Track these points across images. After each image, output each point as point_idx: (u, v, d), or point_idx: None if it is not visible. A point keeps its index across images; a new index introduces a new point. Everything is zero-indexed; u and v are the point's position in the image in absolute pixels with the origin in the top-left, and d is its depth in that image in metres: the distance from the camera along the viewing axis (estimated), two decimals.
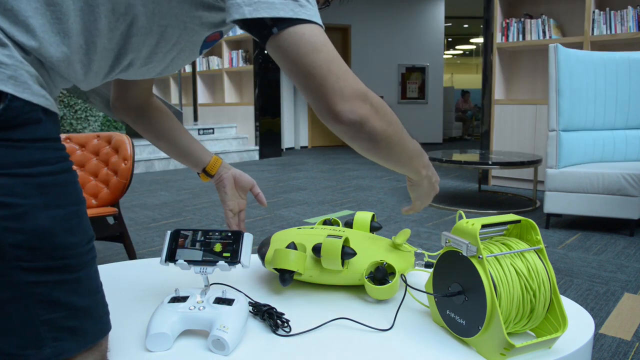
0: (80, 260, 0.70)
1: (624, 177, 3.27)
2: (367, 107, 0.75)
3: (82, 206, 0.72)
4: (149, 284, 1.07)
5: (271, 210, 4.26)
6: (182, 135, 1.13)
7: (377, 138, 0.78)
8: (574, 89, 3.50)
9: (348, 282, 0.99)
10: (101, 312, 0.74)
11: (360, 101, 0.74)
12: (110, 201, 2.46)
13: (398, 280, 0.94)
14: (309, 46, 0.73)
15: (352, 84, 0.73)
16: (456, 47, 18.65)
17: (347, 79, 0.73)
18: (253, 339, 0.83)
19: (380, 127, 0.77)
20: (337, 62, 0.73)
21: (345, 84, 0.73)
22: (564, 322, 0.77)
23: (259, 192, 1.18)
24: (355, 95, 0.73)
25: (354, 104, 0.73)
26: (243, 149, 7.76)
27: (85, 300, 0.71)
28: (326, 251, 0.94)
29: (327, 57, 0.73)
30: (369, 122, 0.75)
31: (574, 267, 2.80)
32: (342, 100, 0.73)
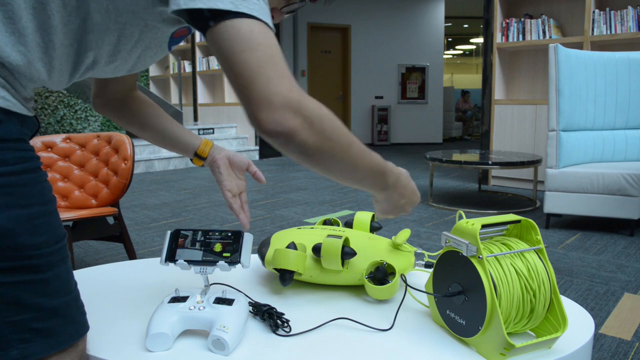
0: (47, 260, 0.69)
1: (624, 177, 3.27)
2: (297, 119, 0.67)
3: (49, 206, 0.72)
4: (149, 284, 1.07)
5: (271, 210, 4.26)
6: (168, 123, 1.10)
7: (309, 152, 0.71)
8: (574, 89, 3.50)
9: (348, 282, 0.99)
10: (75, 313, 0.73)
11: (289, 112, 0.67)
12: (110, 201, 2.46)
13: (398, 280, 0.94)
14: (243, 43, 0.67)
15: (283, 91, 0.66)
16: (456, 47, 18.65)
17: (279, 84, 0.66)
18: (253, 339, 0.83)
19: (313, 142, 0.69)
20: (272, 64, 0.67)
21: (275, 90, 0.66)
22: (564, 322, 0.77)
23: (256, 170, 1.13)
24: (284, 104, 0.66)
25: (281, 115, 0.66)
26: (243, 149, 7.76)
27: (55, 302, 0.70)
28: (326, 251, 0.94)
29: (260, 57, 0.67)
30: (298, 136, 0.68)
31: (574, 267, 2.80)
32: (268, 109, 0.66)
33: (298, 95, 0.68)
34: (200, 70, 8.71)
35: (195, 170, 6.73)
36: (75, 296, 0.74)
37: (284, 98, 0.66)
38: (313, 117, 0.69)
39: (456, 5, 12.43)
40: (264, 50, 0.67)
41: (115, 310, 0.94)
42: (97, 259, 2.97)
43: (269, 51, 0.67)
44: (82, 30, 0.73)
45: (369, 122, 10.50)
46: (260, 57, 0.67)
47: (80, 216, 2.25)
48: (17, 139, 0.68)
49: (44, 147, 2.55)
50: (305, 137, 0.68)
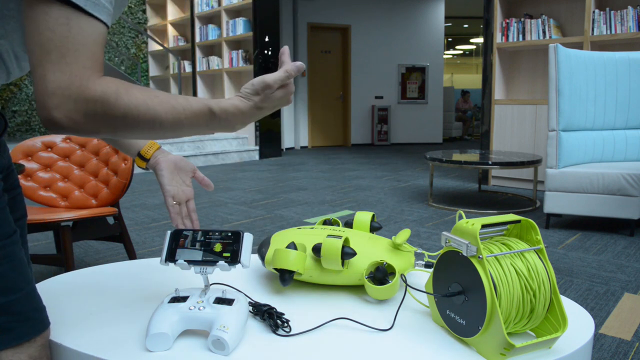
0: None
1: (624, 177, 3.27)
2: (66, 119, 0.65)
3: None
4: (149, 284, 1.07)
5: (271, 210, 4.26)
6: None
7: (104, 135, 0.70)
8: (574, 89, 3.50)
9: (348, 282, 0.99)
10: (28, 309, 0.74)
11: (55, 111, 0.64)
12: (110, 201, 2.46)
13: (398, 280, 0.94)
14: (34, 25, 0.64)
15: (56, 88, 0.64)
16: (456, 47, 18.65)
17: (53, 80, 0.63)
18: (253, 339, 0.83)
19: (102, 130, 0.68)
20: (54, 56, 0.64)
21: (47, 86, 0.64)
22: (564, 322, 0.77)
23: (203, 176, 1.09)
24: (52, 104, 0.64)
25: (49, 113, 0.64)
26: (243, 149, 7.76)
27: (2, 299, 0.71)
28: (326, 251, 0.94)
29: (45, 44, 0.63)
30: (71, 130, 0.66)
31: (574, 267, 2.80)
32: (39, 104, 0.64)
33: (75, 91, 0.65)
34: (200, 70, 8.71)
35: None
36: (27, 293, 0.74)
37: (55, 97, 0.64)
38: (93, 109, 0.66)
39: (456, 5, 12.43)
40: (50, 38, 0.64)
41: (115, 310, 0.94)
42: (97, 259, 2.97)
43: (56, 40, 0.64)
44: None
45: (369, 122, 10.50)
46: (45, 44, 0.64)
47: (80, 216, 2.25)
48: None
49: (44, 147, 2.55)
50: (83, 131, 0.67)
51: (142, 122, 0.70)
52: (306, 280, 1.01)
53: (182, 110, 0.74)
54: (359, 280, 0.98)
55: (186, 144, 7.14)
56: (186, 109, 0.74)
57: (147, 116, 0.70)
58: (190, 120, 0.75)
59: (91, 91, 0.66)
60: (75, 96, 0.65)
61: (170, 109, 0.72)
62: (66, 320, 0.88)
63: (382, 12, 10.31)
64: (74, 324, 0.87)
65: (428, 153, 4.54)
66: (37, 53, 0.64)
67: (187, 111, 0.74)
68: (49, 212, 2.30)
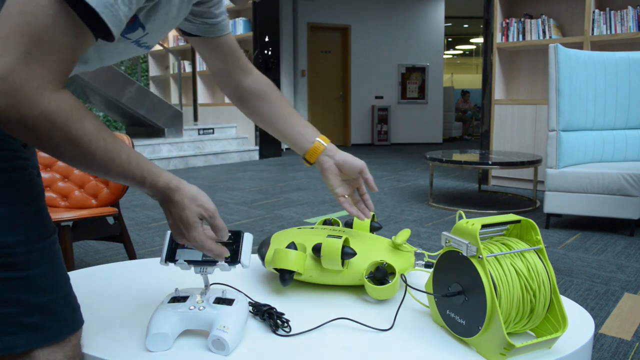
0: (28, 258, 0.70)
1: (624, 177, 3.27)
2: (2, 100, 0.58)
3: (31, 205, 0.72)
4: (149, 284, 1.07)
5: (271, 210, 4.26)
6: (280, 122, 1.09)
7: (17, 138, 0.65)
8: (574, 89, 3.50)
9: (348, 282, 0.99)
10: (64, 310, 0.74)
11: (13, 93, 0.58)
12: (110, 201, 2.46)
13: (398, 280, 0.94)
14: (33, 8, 0.58)
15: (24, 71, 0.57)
16: (456, 47, 18.65)
17: (28, 65, 0.58)
18: (253, 339, 0.83)
19: (32, 140, 0.63)
20: (40, 43, 0.58)
21: (13, 63, 0.57)
22: (564, 322, 0.77)
23: (369, 177, 1.08)
24: (13, 84, 0.58)
25: (5, 91, 0.58)
26: (243, 149, 7.76)
27: (41, 298, 0.71)
28: (326, 251, 0.94)
29: (33, 28, 0.58)
30: (2, 123, 0.60)
31: (574, 267, 2.80)
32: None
33: (30, 92, 0.59)
34: (200, 70, 8.71)
35: (195, 170, 6.73)
36: (64, 294, 0.75)
37: (12, 83, 0.58)
38: (35, 119, 0.60)
39: (456, 5, 12.42)
40: (29, 22, 0.58)
41: (115, 310, 0.94)
42: (97, 259, 2.97)
43: (34, 28, 0.58)
44: None
45: (369, 122, 10.50)
46: (19, 25, 0.58)
47: (80, 216, 2.25)
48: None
49: None
50: (16, 131, 0.61)
51: (73, 154, 0.66)
52: (306, 280, 1.01)
53: (118, 166, 0.70)
54: (359, 280, 0.98)
55: (186, 144, 7.14)
56: (122, 168, 0.71)
57: (82, 152, 0.66)
58: (119, 178, 0.72)
59: (45, 101, 0.60)
60: (25, 96, 0.59)
61: (107, 159, 0.68)
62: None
63: (382, 12, 10.31)
64: None
65: (428, 153, 4.54)
66: (7, 29, 0.58)
67: (120, 169, 0.71)
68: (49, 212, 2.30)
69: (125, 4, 0.63)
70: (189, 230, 0.79)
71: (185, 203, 0.78)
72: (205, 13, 0.96)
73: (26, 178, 0.72)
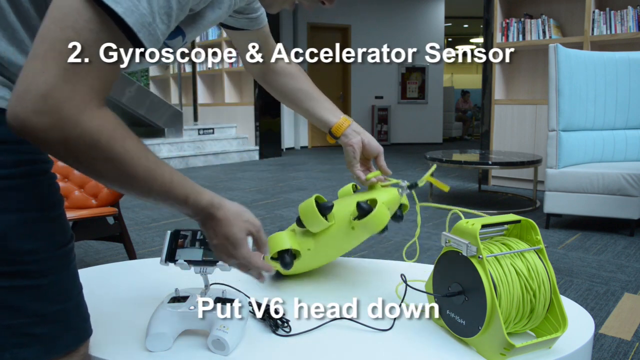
0: (45, 266, 0.68)
1: (624, 177, 3.27)
2: (44, 133, 0.56)
3: (50, 212, 0.70)
4: (149, 284, 1.07)
5: (271, 210, 4.26)
6: (306, 99, 1.11)
7: (56, 157, 0.61)
8: (574, 89, 3.50)
9: (343, 236, 0.99)
10: (75, 319, 0.72)
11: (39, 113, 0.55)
12: (110, 201, 2.46)
13: (384, 207, 0.94)
14: (54, 12, 0.56)
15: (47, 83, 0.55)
16: (456, 47, 18.64)
17: (70, 82, 0.56)
18: (253, 339, 0.83)
19: (67, 158, 0.60)
20: (63, 48, 0.55)
21: (55, 81, 0.55)
22: (564, 322, 0.77)
23: (383, 163, 1.10)
24: (55, 103, 0.55)
25: (34, 117, 0.55)
26: (243, 149, 7.76)
27: (53, 308, 0.69)
28: (304, 214, 0.95)
29: (47, 35, 0.56)
30: (42, 143, 0.58)
31: (574, 267, 2.80)
32: (35, 93, 0.55)
33: (72, 110, 0.56)
34: (200, 70, 8.71)
35: (195, 170, 6.73)
36: (77, 303, 0.73)
37: (55, 101, 0.55)
38: (77, 138, 0.58)
39: (456, 5, 12.42)
40: (71, 37, 0.56)
41: (115, 310, 0.94)
42: (97, 259, 2.97)
43: (61, 34, 0.55)
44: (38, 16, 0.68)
45: (369, 122, 10.50)
46: (60, 40, 0.55)
47: (80, 216, 2.25)
48: (17, 141, 0.63)
49: None
50: (56, 150, 0.59)
51: (114, 175, 0.63)
52: (308, 260, 1.01)
53: (160, 187, 0.68)
54: (352, 228, 0.97)
55: (186, 144, 7.14)
56: (165, 188, 0.68)
57: (123, 172, 0.63)
58: (160, 198, 0.69)
59: (86, 120, 0.58)
60: (67, 114, 0.56)
61: (149, 180, 0.66)
62: None
63: (382, 12, 10.31)
64: None
65: (428, 153, 4.54)
66: (46, 45, 0.55)
67: (162, 189, 0.68)
68: None
69: (163, 22, 0.61)
70: (237, 247, 0.76)
71: (231, 220, 0.75)
72: (246, 9, 0.98)
73: (46, 183, 0.70)
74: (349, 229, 0.97)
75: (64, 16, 0.56)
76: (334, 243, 0.99)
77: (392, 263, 1.20)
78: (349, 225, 0.96)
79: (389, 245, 3.22)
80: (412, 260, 1.18)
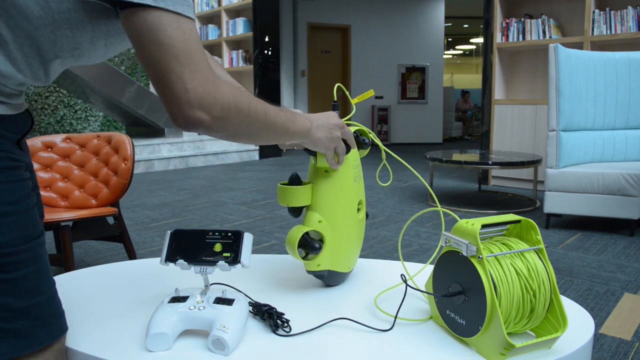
0: (13, 259, 0.68)
1: (624, 177, 3.27)
2: (210, 116, 0.68)
3: (15, 206, 0.70)
4: (149, 284, 1.07)
5: (271, 210, 4.26)
6: None
7: (229, 135, 0.74)
8: (574, 89, 3.50)
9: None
10: (48, 314, 0.72)
11: (200, 110, 0.67)
12: (110, 201, 2.46)
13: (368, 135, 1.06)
14: (150, 35, 0.65)
15: (196, 87, 0.66)
16: (456, 47, 18.65)
17: (189, 80, 0.66)
18: (253, 339, 0.83)
19: (230, 129, 0.73)
20: (183, 59, 0.66)
21: (186, 87, 0.66)
22: (564, 322, 0.77)
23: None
24: (196, 102, 0.67)
25: (193, 113, 0.67)
26: (243, 149, 7.76)
27: (24, 303, 0.69)
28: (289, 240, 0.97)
29: (169, 51, 0.65)
30: (212, 128, 0.70)
31: (574, 267, 2.80)
32: (180, 106, 0.66)
33: (212, 88, 0.68)
34: None
35: (195, 170, 6.73)
36: (48, 297, 0.73)
37: (196, 95, 0.67)
38: (229, 106, 0.70)
39: (456, 5, 12.43)
40: (172, 44, 0.65)
41: (115, 310, 0.94)
42: (97, 259, 2.97)
43: (179, 45, 0.66)
44: (31, 26, 0.70)
45: (369, 122, 10.50)
46: (169, 51, 0.65)
47: (80, 216, 2.25)
48: None
49: (44, 147, 2.55)
50: (220, 127, 0.71)
51: (260, 128, 0.78)
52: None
53: (290, 123, 0.85)
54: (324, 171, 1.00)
55: (186, 144, 7.14)
56: (295, 123, 0.86)
57: (266, 123, 0.78)
58: (294, 134, 0.87)
59: (220, 94, 0.69)
60: (213, 93, 0.68)
61: (285, 121, 0.83)
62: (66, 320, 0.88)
63: (382, 12, 10.31)
64: (74, 324, 0.87)
65: (428, 153, 4.54)
66: (162, 61, 0.65)
67: (296, 125, 0.86)
68: (49, 212, 2.30)
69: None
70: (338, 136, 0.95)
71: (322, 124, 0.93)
72: None
73: (14, 178, 0.71)
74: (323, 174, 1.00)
75: (149, 33, 0.66)
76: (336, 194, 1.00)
77: (392, 263, 1.20)
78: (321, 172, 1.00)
79: (389, 245, 3.22)
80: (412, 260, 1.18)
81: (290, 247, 0.96)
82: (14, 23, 0.69)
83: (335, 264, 1.01)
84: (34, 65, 0.74)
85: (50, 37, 0.72)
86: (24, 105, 0.79)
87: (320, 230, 0.97)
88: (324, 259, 0.98)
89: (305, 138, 0.90)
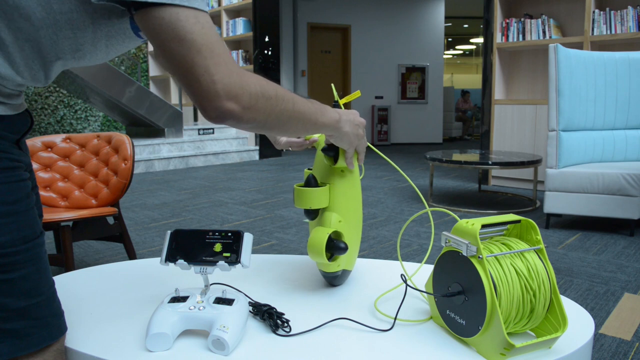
0: (12, 260, 0.68)
1: (624, 177, 3.27)
2: (239, 105, 0.69)
3: (15, 206, 0.70)
4: (149, 284, 1.07)
5: (271, 210, 4.26)
6: None
7: (259, 125, 0.74)
8: (574, 89, 3.50)
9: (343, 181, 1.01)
10: (47, 314, 0.72)
11: (229, 100, 0.68)
12: (110, 201, 2.46)
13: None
14: (169, 33, 0.66)
15: (223, 78, 0.67)
16: (456, 47, 18.65)
17: (215, 73, 0.66)
18: (253, 339, 0.83)
19: (260, 118, 0.73)
20: (206, 52, 0.66)
21: (213, 79, 0.66)
22: (564, 322, 0.77)
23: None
24: (224, 93, 0.67)
25: (223, 104, 0.67)
26: (243, 149, 7.76)
27: (23, 303, 0.69)
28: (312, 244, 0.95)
29: (191, 46, 0.66)
30: (243, 119, 0.70)
31: (574, 267, 2.80)
32: (209, 99, 0.67)
33: (238, 78, 0.68)
34: None
35: (195, 170, 6.73)
36: (47, 298, 0.73)
37: (223, 86, 0.67)
38: (257, 96, 0.71)
39: (456, 5, 12.43)
40: (193, 38, 0.66)
41: (115, 310, 0.94)
42: (97, 259, 2.97)
43: (200, 39, 0.66)
44: (32, 28, 0.70)
45: (369, 122, 10.50)
46: (191, 46, 0.66)
47: (80, 216, 2.25)
48: None
49: (44, 147, 2.55)
50: (249, 116, 0.71)
51: (291, 116, 0.77)
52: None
53: (320, 113, 0.85)
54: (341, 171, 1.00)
55: (186, 144, 7.14)
56: (325, 113, 0.86)
57: (296, 111, 0.78)
58: (323, 125, 0.86)
59: (246, 84, 0.69)
60: (239, 83, 0.68)
61: (314, 111, 0.82)
62: (66, 320, 0.88)
63: (382, 12, 10.31)
64: (74, 324, 0.87)
65: (428, 153, 4.54)
66: (186, 57, 0.66)
67: (325, 116, 0.86)
68: (49, 212, 2.30)
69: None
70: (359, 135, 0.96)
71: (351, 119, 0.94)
72: None
73: (13, 179, 0.71)
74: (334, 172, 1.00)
75: (170, 30, 0.66)
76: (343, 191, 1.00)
77: (392, 263, 1.20)
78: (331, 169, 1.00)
79: (388, 245, 3.22)
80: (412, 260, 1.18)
81: (317, 250, 0.94)
82: (15, 25, 0.69)
83: (349, 263, 1.03)
84: (34, 67, 0.74)
85: (52, 38, 0.72)
86: (24, 105, 0.79)
87: (341, 230, 0.98)
88: (343, 259, 0.99)
89: (333, 131, 0.90)
